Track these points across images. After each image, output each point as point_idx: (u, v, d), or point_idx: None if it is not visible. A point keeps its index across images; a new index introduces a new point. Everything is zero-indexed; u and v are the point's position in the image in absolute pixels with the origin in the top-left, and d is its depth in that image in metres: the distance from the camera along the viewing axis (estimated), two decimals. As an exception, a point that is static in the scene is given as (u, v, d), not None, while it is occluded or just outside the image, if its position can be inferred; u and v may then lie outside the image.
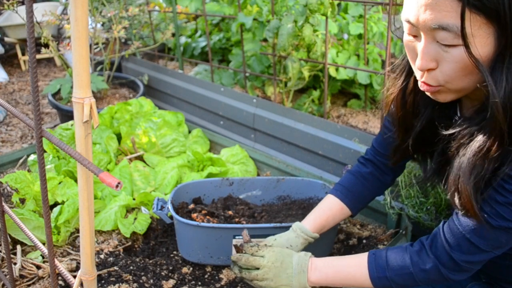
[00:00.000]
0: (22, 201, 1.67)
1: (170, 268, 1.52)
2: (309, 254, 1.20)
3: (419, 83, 0.95)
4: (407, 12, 0.87)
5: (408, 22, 0.88)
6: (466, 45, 0.80)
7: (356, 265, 1.11)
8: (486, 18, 0.78)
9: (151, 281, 1.44)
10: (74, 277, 0.68)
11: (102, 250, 1.56)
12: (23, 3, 3.35)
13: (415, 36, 0.90)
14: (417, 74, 0.94)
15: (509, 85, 0.82)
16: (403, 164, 1.35)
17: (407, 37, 0.92)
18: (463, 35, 0.79)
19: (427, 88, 0.93)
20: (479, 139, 0.88)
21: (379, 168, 1.34)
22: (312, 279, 1.15)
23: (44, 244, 1.44)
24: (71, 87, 2.59)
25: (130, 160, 2.03)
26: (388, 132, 1.23)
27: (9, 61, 4.28)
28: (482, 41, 0.81)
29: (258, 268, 1.17)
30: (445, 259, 1.00)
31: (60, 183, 1.75)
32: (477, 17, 0.78)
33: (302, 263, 1.16)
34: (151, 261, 1.54)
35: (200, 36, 3.60)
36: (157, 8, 3.35)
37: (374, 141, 1.34)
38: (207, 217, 1.58)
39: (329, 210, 1.34)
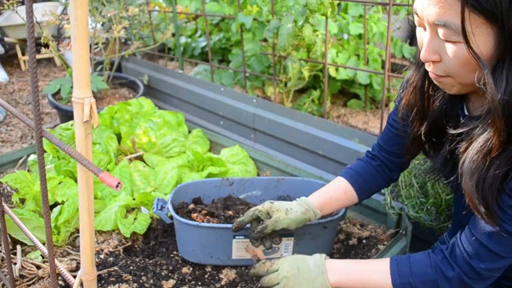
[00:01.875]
0: (22, 201, 1.67)
1: (170, 268, 1.52)
2: (324, 255, 1.18)
3: (429, 72, 0.97)
4: (416, 3, 0.90)
5: (416, 13, 0.90)
6: (467, 41, 0.82)
7: (377, 270, 1.09)
8: (485, 18, 0.80)
9: (151, 281, 1.44)
10: (74, 277, 0.68)
11: (102, 250, 1.56)
12: (23, 3, 3.35)
13: (424, 27, 0.92)
14: (426, 64, 0.98)
15: (509, 86, 0.83)
16: (410, 161, 1.36)
17: (417, 28, 0.95)
18: (464, 32, 0.81)
19: (435, 77, 0.95)
20: (481, 138, 0.89)
21: (385, 164, 1.36)
22: (332, 281, 1.12)
23: (44, 244, 1.44)
24: (71, 87, 2.59)
25: (130, 160, 2.03)
26: (395, 127, 1.24)
27: (9, 61, 4.28)
28: (482, 39, 0.82)
29: (278, 283, 1.15)
30: (466, 268, 0.99)
31: (60, 183, 1.75)
32: (476, 17, 0.80)
33: (320, 264, 1.14)
34: (151, 261, 1.54)
35: (200, 36, 3.60)
36: (157, 8, 3.35)
37: (379, 139, 1.36)
38: (207, 217, 1.58)
39: (336, 191, 1.34)
